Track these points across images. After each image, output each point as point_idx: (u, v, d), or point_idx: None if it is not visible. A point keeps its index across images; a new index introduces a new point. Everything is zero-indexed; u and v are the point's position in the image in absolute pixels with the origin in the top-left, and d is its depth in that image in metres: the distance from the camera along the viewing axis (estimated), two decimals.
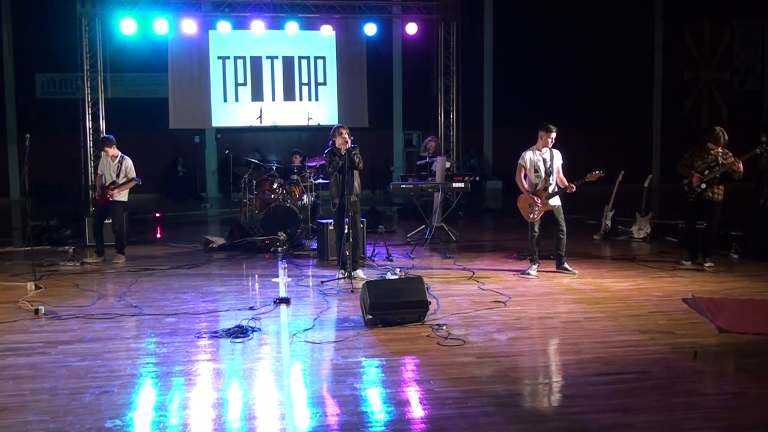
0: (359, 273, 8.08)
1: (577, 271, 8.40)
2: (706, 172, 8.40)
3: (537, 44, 20.05)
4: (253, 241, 10.27)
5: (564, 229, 8.41)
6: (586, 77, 20.34)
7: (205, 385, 4.90)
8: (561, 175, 8.38)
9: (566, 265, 8.47)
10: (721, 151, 8.39)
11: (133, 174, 9.43)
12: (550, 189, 8.28)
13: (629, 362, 5.26)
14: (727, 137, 8.38)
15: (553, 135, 8.25)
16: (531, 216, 8.37)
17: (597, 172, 8.21)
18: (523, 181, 8.40)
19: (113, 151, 9.46)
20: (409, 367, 5.27)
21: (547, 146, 8.30)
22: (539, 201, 8.27)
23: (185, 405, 4.55)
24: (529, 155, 8.34)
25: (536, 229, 8.42)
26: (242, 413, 4.42)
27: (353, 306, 6.82)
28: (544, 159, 8.30)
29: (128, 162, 9.45)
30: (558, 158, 8.35)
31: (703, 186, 8.41)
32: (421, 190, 10.70)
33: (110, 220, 9.67)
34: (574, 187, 8.24)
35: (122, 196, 9.46)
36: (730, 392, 4.70)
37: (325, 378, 5.04)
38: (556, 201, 8.37)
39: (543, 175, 8.29)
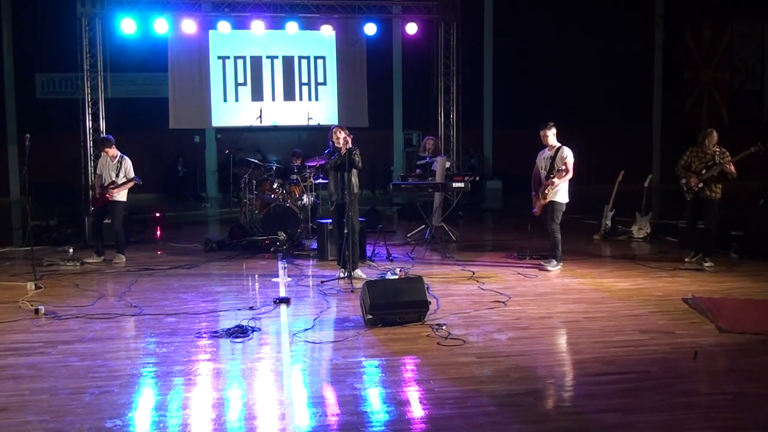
0: (358, 272, 8.09)
1: (553, 271, 8.52)
2: (704, 171, 8.50)
3: (537, 44, 20.04)
4: (253, 241, 10.27)
5: (550, 226, 8.57)
6: (586, 77, 20.33)
7: (205, 385, 4.90)
8: (569, 167, 8.47)
9: (542, 262, 8.73)
10: (718, 150, 8.51)
11: (132, 174, 9.44)
12: (544, 188, 8.54)
13: (629, 362, 5.26)
14: (716, 137, 8.56)
15: (542, 132, 8.58)
16: (533, 211, 8.79)
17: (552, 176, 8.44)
18: (534, 178, 8.80)
19: (113, 151, 9.46)
20: (409, 367, 5.27)
21: (548, 144, 8.59)
22: (536, 196, 8.68)
23: (185, 405, 4.55)
24: (540, 154, 8.78)
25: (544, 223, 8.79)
26: (242, 413, 4.42)
27: (353, 306, 6.82)
28: (547, 157, 8.62)
29: (127, 162, 9.45)
30: (560, 157, 8.46)
31: (701, 185, 8.51)
32: (421, 190, 10.70)
33: (110, 220, 9.67)
34: (555, 180, 8.45)
35: (121, 196, 9.46)
36: (730, 392, 4.69)
37: (325, 378, 5.04)
38: (552, 197, 8.51)
39: (545, 172, 8.57)
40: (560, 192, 8.52)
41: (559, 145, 8.58)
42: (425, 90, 15.43)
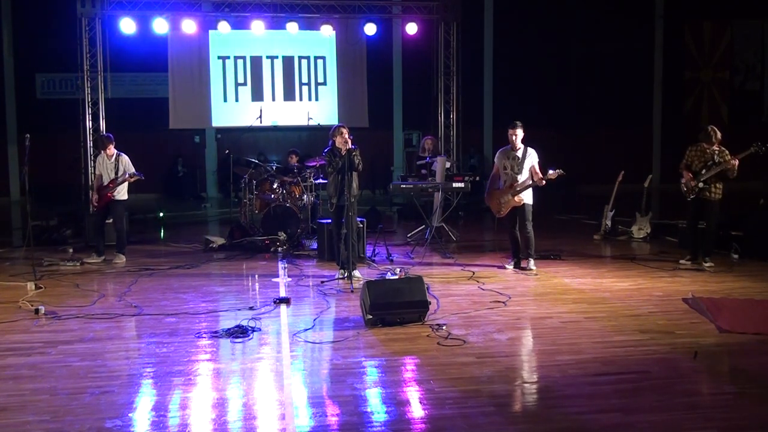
0: (355, 273, 8.08)
1: (535, 270, 8.48)
2: (703, 171, 8.47)
3: (537, 44, 20.04)
4: (253, 241, 10.27)
5: (526, 228, 8.51)
6: (586, 77, 20.33)
7: (205, 385, 4.90)
8: (537, 170, 8.44)
9: (525, 265, 8.61)
10: (717, 149, 8.47)
11: (132, 168, 9.43)
12: (517, 187, 8.42)
13: (629, 362, 5.26)
14: (719, 134, 8.49)
15: (512, 131, 8.45)
16: (499, 212, 8.67)
17: (558, 170, 8.30)
18: (495, 179, 8.68)
19: (111, 150, 9.46)
20: (409, 367, 5.27)
21: (515, 144, 8.48)
22: (502, 197, 8.55)
23: (185, 405, 4.55)
24: (498, 154, 8.66)
25: (508, 224, 8.69)
26: (242, 413, 4.42)
27: (353, 306, 6.82)
28: (514, 157, 8.49)
29: (125, 158, 9.45)
30: (531, 157, 8.44)
31: (701, 185, 8.48)
32: (421, 190, 10.69)
33: (111, 220, 9.67)
34: (544, 181, 8.35)
35: (122, 195, 9.46)
36: (730, 392, 4.70)
37: (325, 378, 5.05)
38: (523, 198, 8.46)
39: (510, 173, 8.48)
40: (529, 194, 8.50)
41: (523, 146, 8.50)
42: (425, 90, 15.43)
